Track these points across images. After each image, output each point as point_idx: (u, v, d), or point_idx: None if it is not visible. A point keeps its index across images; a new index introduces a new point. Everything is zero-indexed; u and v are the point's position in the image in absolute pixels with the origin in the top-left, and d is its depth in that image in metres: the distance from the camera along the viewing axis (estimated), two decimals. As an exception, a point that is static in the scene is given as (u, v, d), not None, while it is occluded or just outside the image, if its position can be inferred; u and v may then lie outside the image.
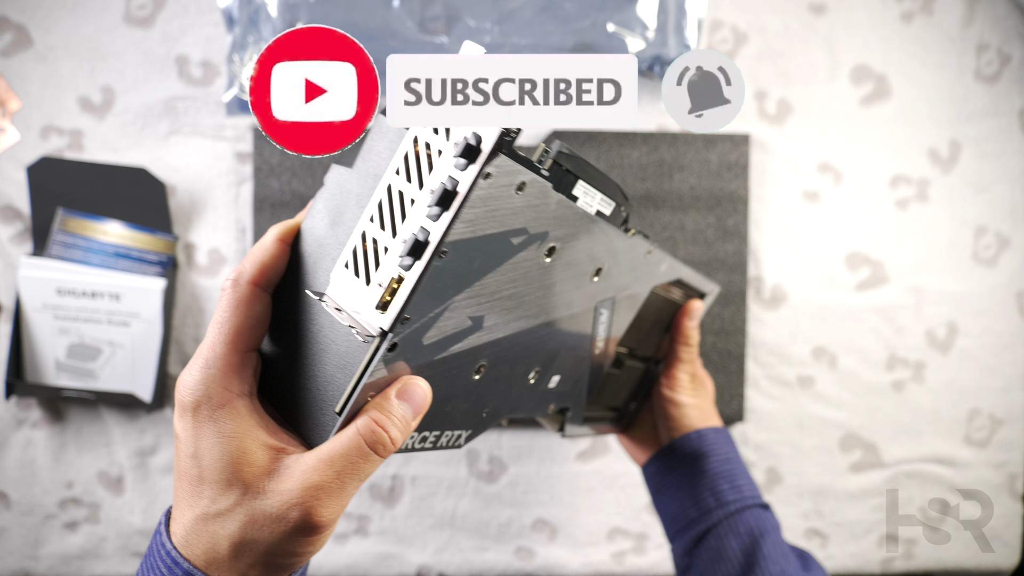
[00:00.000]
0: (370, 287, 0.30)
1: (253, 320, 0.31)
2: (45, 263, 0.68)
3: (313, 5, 0.67)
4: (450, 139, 0.30)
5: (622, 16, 0.68)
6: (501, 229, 0.32)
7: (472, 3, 0.67)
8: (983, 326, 0.76)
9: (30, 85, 0.71)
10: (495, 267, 0.33)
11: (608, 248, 0.42)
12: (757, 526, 0.53)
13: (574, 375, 0.48)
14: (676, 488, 0.57)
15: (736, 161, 0.73)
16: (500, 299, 0.35)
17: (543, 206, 0.34)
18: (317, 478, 0.30)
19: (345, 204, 0.32)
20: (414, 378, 0.32)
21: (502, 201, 0.31)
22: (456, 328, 0.33)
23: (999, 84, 0.76)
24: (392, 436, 0.31)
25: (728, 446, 0.57)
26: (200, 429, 0.30)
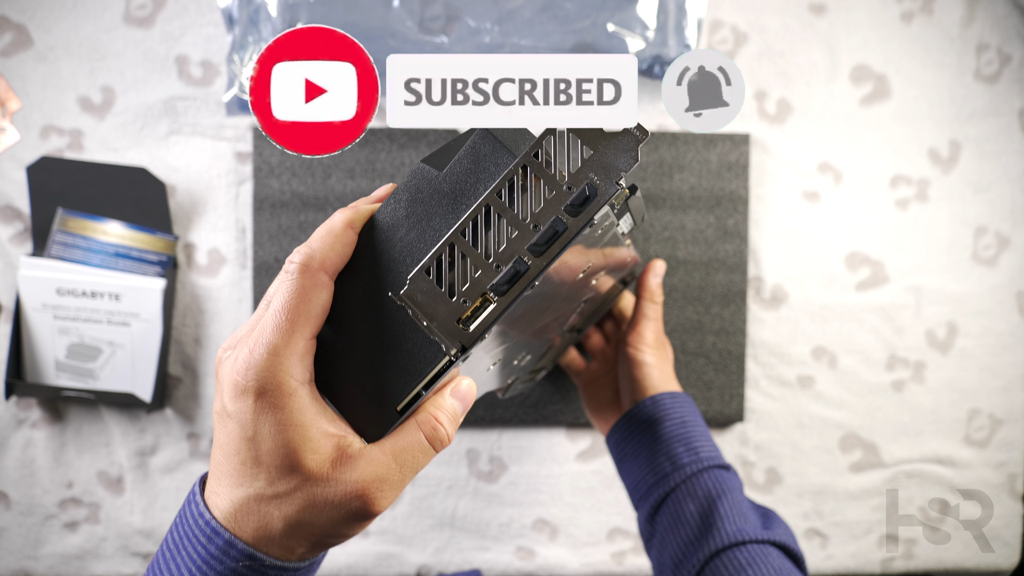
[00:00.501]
0: (454, 300, 0.30)
1: (319, 308, 0.31)
2: (45, 263, 0.68)
3: (313, 5, 0.67)
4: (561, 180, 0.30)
5: (622, 16, 0.68)
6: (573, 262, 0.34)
7: (472, 3, 0.67)
8: (983, 326, 0.76)
9: (30, 85, 0.71)
10: (549, 290, 0.35)
11: (610, 258, 0.45)
12: (715, 487, 0.52)
13: (538, 353, 0.51)
14: (635, 456, 0.57)
15: (736, 161, 0.73)
16: (532, 310, 0.37)
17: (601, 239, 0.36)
18: (382, 471, 0.31)
19: (433, 208, 0.32)
20: (465, 378, 0.34)
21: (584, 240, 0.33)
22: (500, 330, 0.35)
23: (999, 84, 0.76)
24: (448, 432, 0.33)
25: (684, 409, 0.57)
26: (262, 414, 0.30)
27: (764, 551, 0.49)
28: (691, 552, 0.50)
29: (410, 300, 0.31)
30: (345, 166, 0.71)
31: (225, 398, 0.31)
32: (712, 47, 0.74)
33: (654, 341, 0.60)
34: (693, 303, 0.73)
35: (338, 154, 0.71)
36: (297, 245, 0.72)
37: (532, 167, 0.30)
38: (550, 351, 0.59)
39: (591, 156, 0.30)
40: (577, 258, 0.37)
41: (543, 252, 0.30)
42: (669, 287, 0.73)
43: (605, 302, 0.62)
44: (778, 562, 0.48)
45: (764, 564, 0.48)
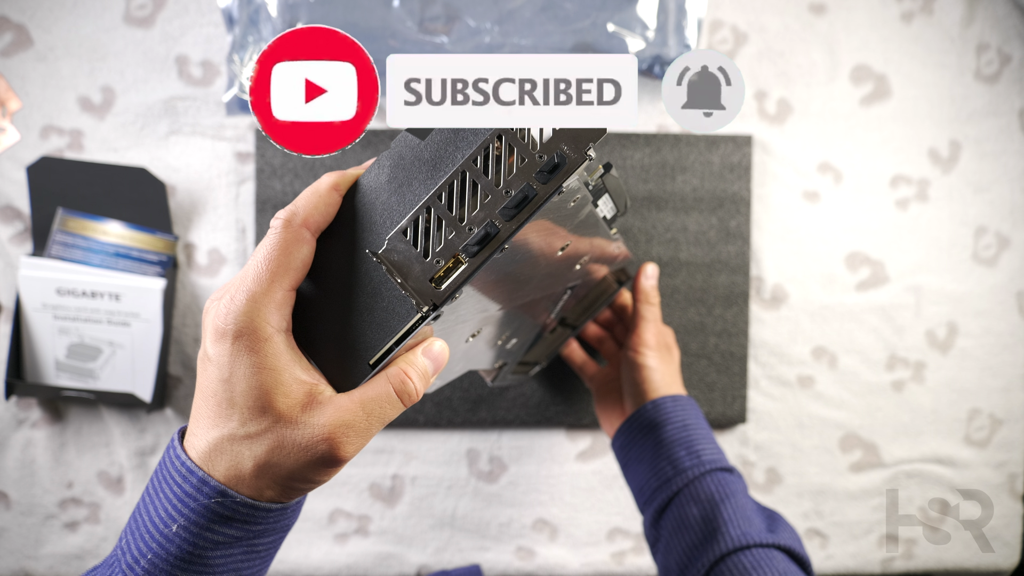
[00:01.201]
0: (428, 260, 0.32)
1: (300, 262, 0.32)
2: (45, 263, 0.68)
3: (313, 5, 0.67)
4: (533, 149, 0.32)
5: (622, 16, 0.68)
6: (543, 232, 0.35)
7: (472, 3, 0.67)
8: (983, 326, 0.76)
9: (30, 85, 0.71)
10: (523, 260, 0.37)
11: (594, 243, 0.46)
12: (718, 490, 0.52)
13: (526, 338, 0.52)
14: (638, 461, 0.57)
15: (739, 162, 0.73)
16: (512, 281, 0.38)
17: (576, 214, 0.37)
18: (349, 417, 0.32)
19: (413, 173, 0.33)
20: (438, 340, 0.35)
21: (556, 211, 0.35)
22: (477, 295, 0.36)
23: (999, 84, 0.76)
24: (417, 387, 0.34)
25: (686, 412, 0.57)
26: (238, 357, 0.31)
27: (769, 555, 0.49)
28: (696, 556, 0.50)
29: (386, 259, 0.32)
30: (346, 167, 0.71)
31: (207, 343, 0.32)
32: (712, 47, 0.74)
33: (655, 343, 0.60)
34: (695, 304, 0.73)
35: (339, 154, 0.71)
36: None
37: (507, 136, 0.32)
38: (542, 341, 0.59)
39: (562, 128, 0.31)
40: (552, 231, 0.38)
41: (513, 216, 0.31)
42: (672, 288, 0.73)
43: (599, 297, 0.62)
44: (783, 566, 0.48)
45: (769, 568, 0.48)
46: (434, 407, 0.72)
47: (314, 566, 0.73)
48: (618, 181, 0.39)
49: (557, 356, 0.70)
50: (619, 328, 0.67)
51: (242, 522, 0.33)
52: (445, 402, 0.72)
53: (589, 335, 0.68)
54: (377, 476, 0.74)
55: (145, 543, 0.32)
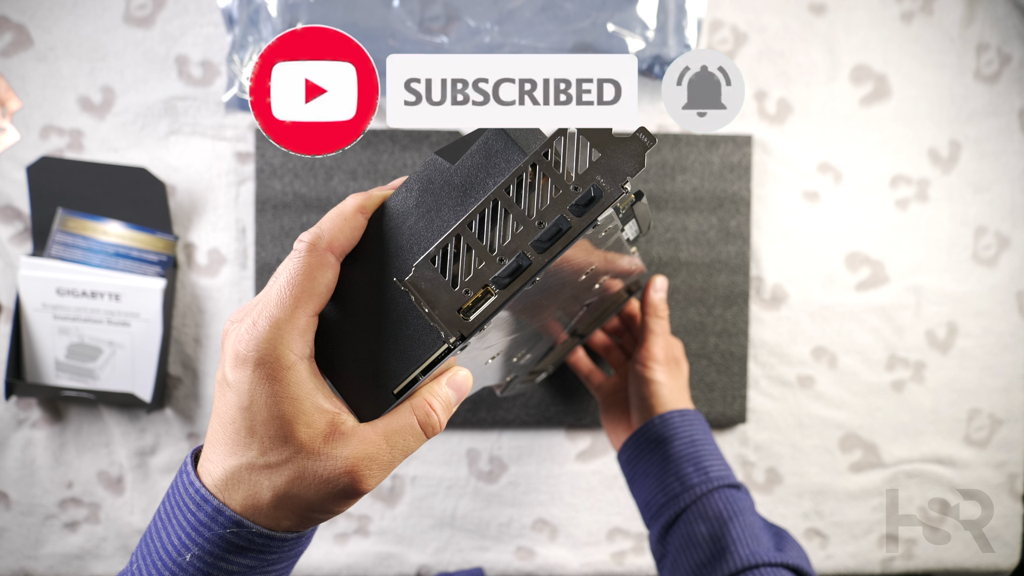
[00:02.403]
0: (456, 290, 0.31)
1: (324, 287, 0.32)
2: (45, 263, 0.68)
3: (313, 5, 0.67)
4: (569, 180, 0.31)
5: (622, 16, 0.68)
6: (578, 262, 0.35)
7: (472, 3, 0.67)
8: (983, 326, 0.76)
9: (30, 85, 0.71)
10: (551, 288, 0.36)
11: (615, 263, 0.45)
12: (726, 508, 0.52)
13: (539, 353, 0.52)
14: (644, 476, 0.56)
15: (739, 163, 0.73)
16: (534, 308, 0.38)
17: (604, 242, 0.37)
18: (372, 450, 0.31)
19: (443, 199, 0.33)
20: (463, 369, 0.35)
21: (589, 240, 0.34)
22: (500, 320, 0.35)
23: (999, 84, 0.76)
24: (441, 419, 0.33)
25: (694, 427, 0.56)
26: (259, 385, 0.30)
27: (777, 574, 0.49)
28: (705, 575, 0.50)
29: (414, 287, 0.31)
30: (347, 167, 0.71)
31: (226, 367, 0.31)
32: (712, 47, 0.74)
33: (664, 357, 0.60)
34: (695, 305, 0.73)
35: (339, 155, 0.71)
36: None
37: (541, 166, 0.31)
38: (552, 352, 0.59)
39: (599, 159, 0.31)
40: (580, 258, 0.38)
41: (546, 249, 0.30)
42: (672, 288, 0.73)
43: (609, 308, 0.62)
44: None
45: None
46: (434, 407, 0.72)
47: (314, 566, 0.73)
48: (647, 208, 0.38)
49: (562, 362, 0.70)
50: (627, 337, 0.67)
51: (257, 552, 0.32)
52: (445, 402, 0.73)
53: (596, 344, 0.68)
54: (377, 476, 0.74)
55: (157, 570, 0.32)
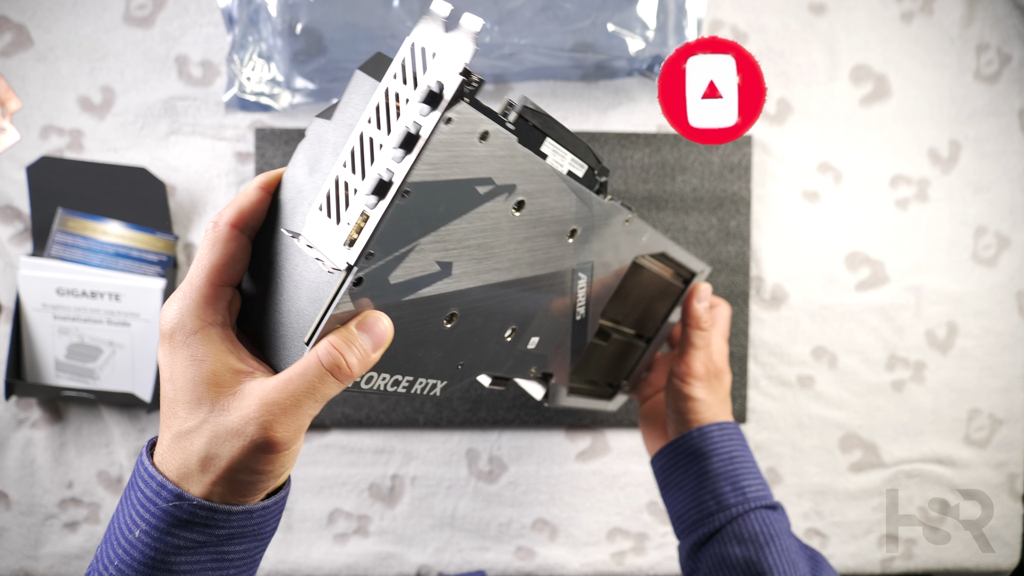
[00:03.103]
0: (340, 226, 0.32)
1: (227, 257, 0.33)
2: (45, 263, 0.68)
3: (313, 5, 0.67)
4: (417, 88, 0.31)
5: (622, 16, 0.68)
6: (465, 176, 0.34)
7: (472, 3, 0.67)
8: (983, 326, 0.76)
9: (30, 85, 0.71)
10: (461, 214, 0.36)
11: (582, 211, 0.44)
12: (763, 531, 0.51)
13: (554, 339, 0.49)
14: (679, 487, 0.55)
15: (738, 163, 0.73)
16: (469, 247, 0.37)
17: (509, 158, 0.36)
18: (274, 396, 0.32)
19: (323, 153, 0.34)
20: (376, 312, 0.34)
21: (465, 148, 0.33)
22: (423, 271, 0.36)
23: (999, 84, 0.76)
24: (349, 362, 0.33)
25: (733, 443, 0.55)
26: (175, 354, 0.33)
27: None
28: None
29: (304, 234, 0.32)
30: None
31: (158, 348, 0.34)
32: (712, 47, 0.74)
33: (704, 373, 0.56)
34: (693, 303, 0.73)
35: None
36: (297, 245, 0.72)
37: (391, 87, 0.31)
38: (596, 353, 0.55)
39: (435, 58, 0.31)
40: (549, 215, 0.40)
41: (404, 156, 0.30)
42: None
43: (659, 298, 0.58)
44: None
45: None
46: (434, 407, 0.72)
47: (314, 566, 0.73)
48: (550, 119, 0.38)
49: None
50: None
51: (202, 526, 0.33)
52: (445, 402, 0.72)
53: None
54: (377, 476, 0.74)
55: (113, 550, 0.33)
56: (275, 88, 0.69)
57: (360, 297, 0.33)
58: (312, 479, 0.73)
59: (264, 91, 0.69)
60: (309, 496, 0.73)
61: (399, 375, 0.39)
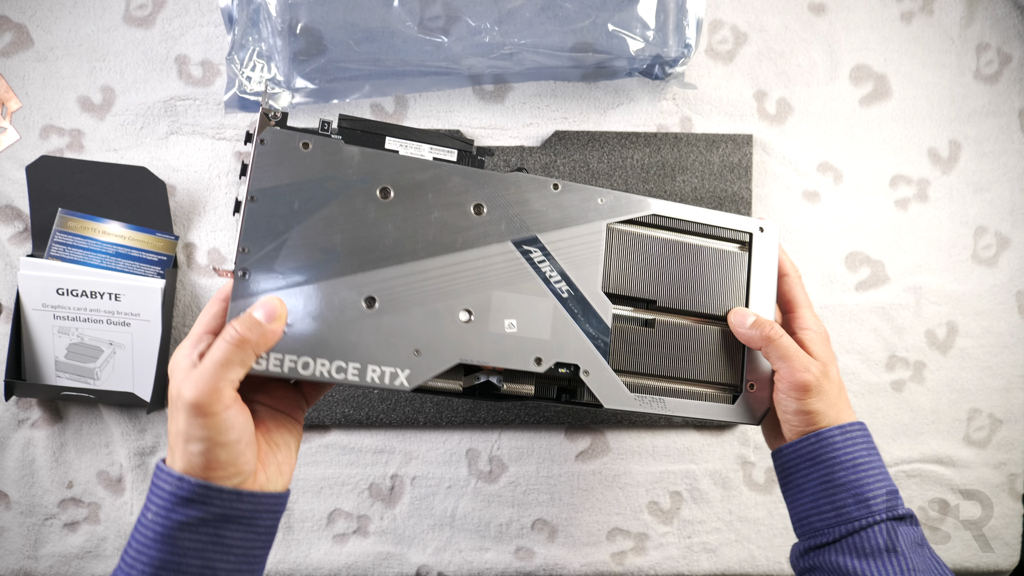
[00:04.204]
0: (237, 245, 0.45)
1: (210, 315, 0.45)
2: (45, 263, 0.68)
3: (313, 5, 0.67)
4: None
5: (622, 16, 0.68)
6: (307, 177, 0.45)
7: (472, 3, 0.67)
8: (983, 326, 0.76)
9: (30, 85, 0.71)
10: (320, 207, 0.45)
11: (476, 188, 0.48)
12: (886, 547, 0.48)
13: (544, 321, 0.49)
14: (799, 490, 0.52)
15: (739, 162, 0.73)
16: (348, 234, 0.46)
17: (347, 158, 0.46)
18: (189, 367, 0.41)
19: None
20: (268, 295, 0.44)
21: (293, 158, 0.45)
22: (309, 258, 0.45)
23: (999, 84, 0.76)
24: (242, 332, 0.41)
25: (857, 448, 0.51)
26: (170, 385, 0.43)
27: None
28: None
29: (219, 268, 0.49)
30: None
31: None
32: (712, 47, 0.74)
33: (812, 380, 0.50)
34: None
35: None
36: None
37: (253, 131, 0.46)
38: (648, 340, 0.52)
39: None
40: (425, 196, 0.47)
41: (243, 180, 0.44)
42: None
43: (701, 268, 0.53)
44: None
45: None
46: (434, 407, 0.72)
47: (314, 566, 0.73)
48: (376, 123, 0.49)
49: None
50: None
51: (199, 503, 0.40)
52: (445, 402, 0.72)
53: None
54: (377, 476, 0.74)
55: (133, 536, 0.41)
56: (275, 88, 0.69)
57: (255, 287, 0.44)
58: (312, 479, 0.73)
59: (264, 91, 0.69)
60: (309, 496, 0.73)
61: (340, 360, 0.45)
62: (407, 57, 0.68)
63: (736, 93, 0.74)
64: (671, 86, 0.74)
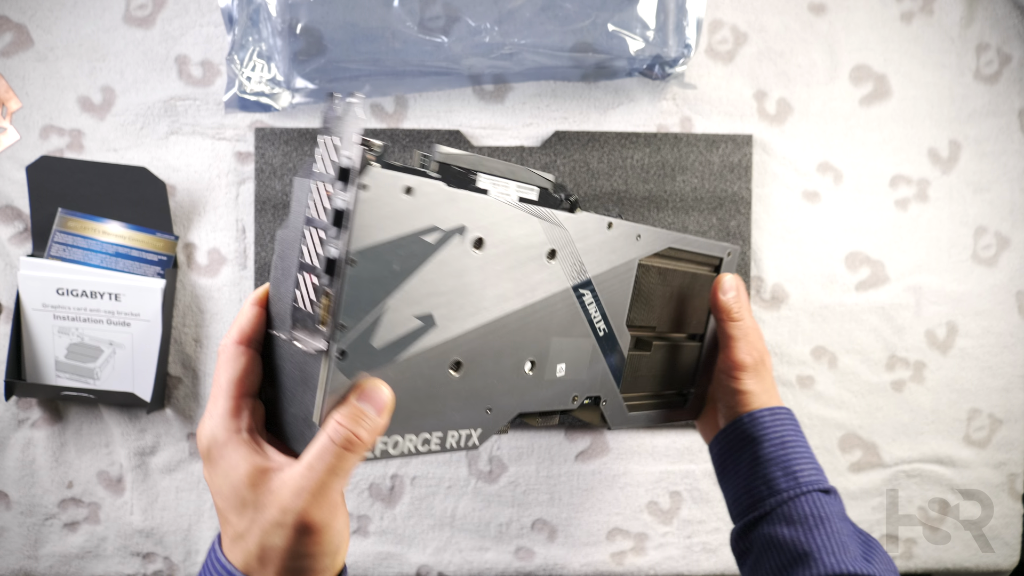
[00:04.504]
0: (312, 312, 0.35)
1: (240, 372, 0.37)
2: (45, 263, 0.68)
3: (313, 5, 0.67)
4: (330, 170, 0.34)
5: (622, 16, 0.68)
6: (408, 231, 0.37)
7: (472, 3, 0.67)
8: (983, 326, 0.76)
9: (30, 85, 0.71)
10: (419, 266, 0.38)
11: (553, 231, 0.44)
12: (813, 512, 0.51)
13: (584, 361, 0.49)
14: (734, 473, 0.55)
15: (739, 163, 0.73)
16: (443, 295, 0.39)
17: (446, 203, 0.38)
18: (301, 483, 0.34)
19: (289, 256, 0.37)
20: (372, 379, 0.37)
21: (394, 206, 0.36)
22: (405, 328, 0.38)
23: (999, 84, 0.76)
24: (358, 434, 0.35)
25: (785, 427, 0.54)
26: (214, 469, 0.36)
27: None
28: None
29: (291, 331, 0.36)
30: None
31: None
32: (712, 47, 0.74)
33: (751, 363, 0.56)
34: (693, 303, 0.73)
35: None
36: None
37: (315, 179, 0.35)
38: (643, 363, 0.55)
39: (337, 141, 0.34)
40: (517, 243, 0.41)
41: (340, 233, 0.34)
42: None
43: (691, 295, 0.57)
44: None
45: None
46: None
47: (314, 566, 0.73)
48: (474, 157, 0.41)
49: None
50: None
51: None
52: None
53: None
54: (377, 476, 0.74)
55: None
56: (275, 88, 0.69)
57: (353, 369, 0.36)
58: (312, 479, 0.73)
59: (264, 91, 0.70)
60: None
61: (426, 433, 0.41)
62: (407, 57, 0.68)
63: (736, 93, 0.74)
64: (671, 86, 0.74)
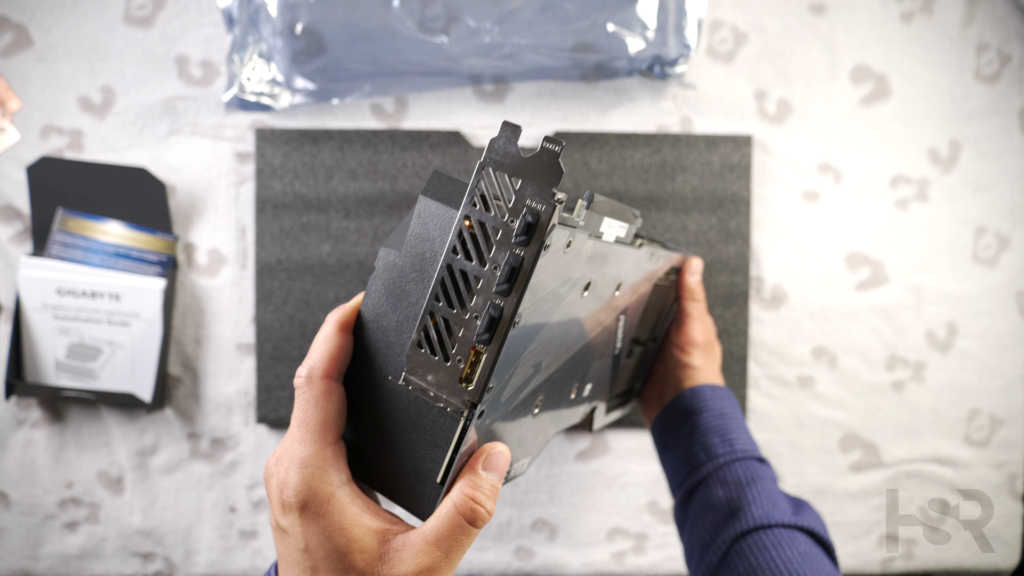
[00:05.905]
0: (450, 364, 0.31)
1: (334, 412, 0.33)
2: (45, 263, 0.68)
3: (313, 5, 0.67)
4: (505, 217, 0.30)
5: (622, 16, 0.68)
6: (555, 285, 0.34)
7: (472, 3, 0.67)
8: (983, 326, 0.76)
9: (30, 85, 0.71)
10: (550, 318, 0.35)
11: (625, 265, 0.44)
12: (746, 475, 0.52)
13: (602, 378, 0.50)
14: (674, 446, 0.57)
15: (738, 163, 0.73)
16: (554, 340, 0.37)
17: (583, 253, 0.36)
18: (428, 560, 0.31)
19: (405, 286, 0.33)
20: (495, 445, 0.34)
21: (556, 263, 0.33)
22: (523, 378, 0.35)
23: (999, 84, 0.76)
24: (487, 508, 0.32)
25: (723, 402, 0.57)
26: (308, 526, 0.32)
27: (791, 535, 0.48)
28: (718, 534, 0.51)
29: (411, 376, 0.32)
30: (347, 167, 0.71)
31: (276, 514, 0.32)
32: (712, 47, 0.74)
33: (703, 341, 0.60)
34: (693, 303, 0.73)
35: (338, 155, 0.71)
36: (299, 247, 0.72)
37: (473, 215, 0.31)
38: (623, 369, 0.57)
39: (521, 184, 0.30)
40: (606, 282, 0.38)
41: (510, 291, 0.30)
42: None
43: (662, 303, 0.60)
44: (804, 546, 0.48)
45: (789, 547, 0.47)
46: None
47: (314, 566, 0.73)
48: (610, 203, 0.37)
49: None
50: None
51: None
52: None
53: None
54: (377, 476, 0.74)
55: None
56: (275, 88, 0.69)
57: (483, 426, 0.33)
58: (312, 479, 0.73)
59: (264, 91, 0.70)
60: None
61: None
62: (407, 57, 0.68)
63: (736, 93, 0.74)
64: (671, 86, 0.74)
